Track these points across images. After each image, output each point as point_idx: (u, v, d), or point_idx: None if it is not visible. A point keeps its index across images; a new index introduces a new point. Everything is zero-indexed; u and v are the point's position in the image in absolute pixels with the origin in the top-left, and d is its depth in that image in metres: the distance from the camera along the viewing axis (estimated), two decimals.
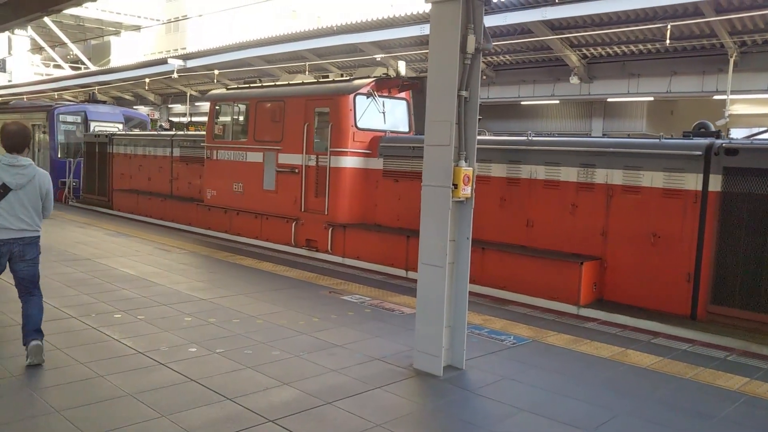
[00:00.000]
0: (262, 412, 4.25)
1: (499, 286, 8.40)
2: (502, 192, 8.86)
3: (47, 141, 19.93)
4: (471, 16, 5.10)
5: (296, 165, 11.02)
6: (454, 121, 5.08)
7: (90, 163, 18.17)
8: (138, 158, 16.31)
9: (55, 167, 19.35)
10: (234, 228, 12.41)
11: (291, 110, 11.13)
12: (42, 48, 48.61)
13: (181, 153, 14.70)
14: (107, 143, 17.37)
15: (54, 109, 20.08)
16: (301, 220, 11.04)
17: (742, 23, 15.55)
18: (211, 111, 13.09)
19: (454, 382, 5.01)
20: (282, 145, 11.27)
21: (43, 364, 4.92)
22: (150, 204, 15.35)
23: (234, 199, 12.40)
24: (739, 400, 4.87)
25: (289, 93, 11.37)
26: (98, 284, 7.79)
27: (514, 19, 17.86)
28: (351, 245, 10.29)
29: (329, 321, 6.56)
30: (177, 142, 14.88)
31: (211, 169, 13.00)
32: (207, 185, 13.12)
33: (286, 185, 11.23)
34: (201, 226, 13.22)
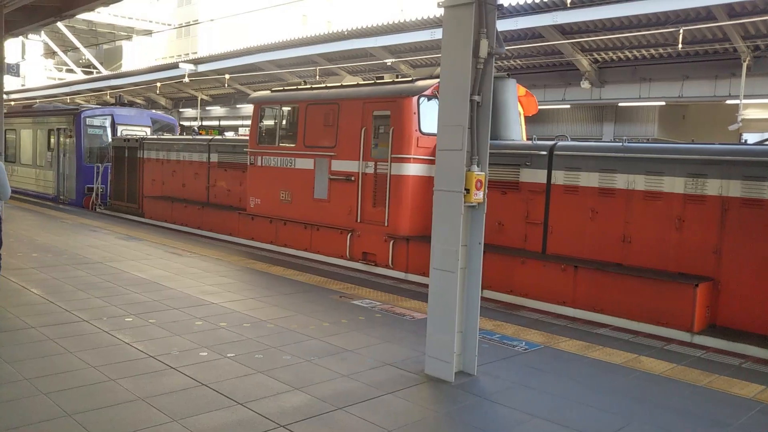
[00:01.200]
0: (272, 417, 4.23)
1: (594, 308, 7.66)
2: (593, 203, 7.99)
3: (73, 145, 19.36)
4: (484, 20, 5.08)
5: (352, 172, 10.26)
6: (466, 126, 5.06)
7: (118, 168, 17.45)
8: (171, 164, 15.49)
9: (82, 172, 18.94)
10: (281, 239, 11.70)
11: (346, 114, 10.42)
12: (55, 53, 49.02)
13: (219, 158, 13.92)
14: (138, 147, 16.62)
15: (80, 111, 19.46)
16: (357, 232, 10.28)
17: (755, 27, 15.44)
18: (255, 114, 12.28)
19: (466, 388, 4.98)
20: (336, 151, 10.53)
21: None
22: (186, 212, 14.56)
23: (281, 208, 11.66)
24: (755, 408, 4.81)
25: (344, 95, 10.62)
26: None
27: (525, 24, 17.82)
28: (415, 260, 9.47)
29: (340, 326, 6.55)
30: (215, 147, 14.11)
31: (254, 176, 12.20)
32: (250, 193, 12.32)
33: (340, 194, 10.47)
34: (243, 236, 12.49)
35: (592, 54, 18.93)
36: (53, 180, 20.50)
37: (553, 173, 8.32)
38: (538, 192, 8.50)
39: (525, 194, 8.62)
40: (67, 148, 19.58)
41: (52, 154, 20.53)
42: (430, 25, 19.96)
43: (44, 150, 21.17)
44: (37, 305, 6.81)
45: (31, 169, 22.26)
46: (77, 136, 19.09)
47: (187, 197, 14.83)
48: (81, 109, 19.69)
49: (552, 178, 8.35)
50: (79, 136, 19.06)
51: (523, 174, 8.63)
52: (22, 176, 22.75)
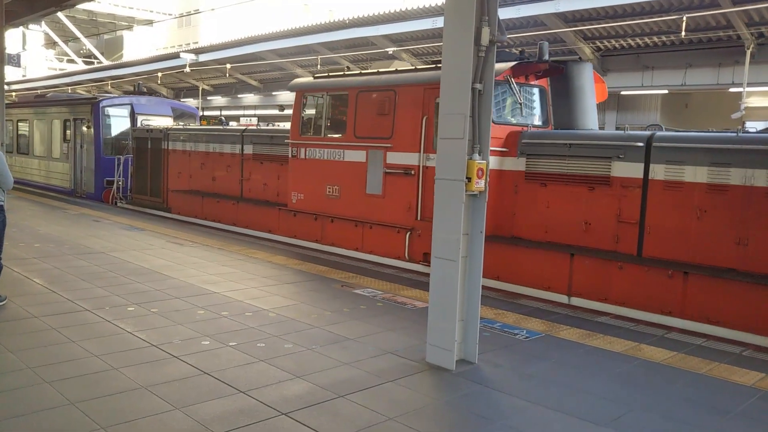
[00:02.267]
0: (275, 405, 4.25)
1: (709, 320, 6.95)
2: (701, 201, 7.15)
3: (91, 136, 18.37)
4: (485, 7, 5.05)
5: (411, 165, 9.42)
6: (468, 114, 5.05)
7: (140, 160, 16.46)
8: (200, 155, 14.45)
9: (101, 165, 18.09)
10: (327, 237, 10.84)
11: (404, 101, 9.56)
12: (55, 43, 48.93)
13: (254, 150, 12.89)
14: (162, 138, 15.62)
15: (99, 101, 18.51)
16: (417, 231, 9.37)
17: (759, 14, 15.34)
18: (297, 103, 11.34)
19: (467, 376, 5.00)
20: (392, 142, 9.68)
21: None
22: (218, 208, 13.65)
23: (327, 204, 10.77)
24: (755, 395, 4.82)
25: (401, 81, 9.71)
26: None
27: (527, 12, 17.73)
28: (487, 263, 9.05)
29: (342, 314, 6.57)
30: (250, 138, 13.07)
31: (297, 170, 11.30)
32: (292, 188, 11.44)
33: (398, 189, 9.63)
34: (284, 234, 11.64)
35: (594, 42, 18.84)
36: (70, 173, 19.70)
37: (652, 167, 7.50)
38: (633, 188, 7.67)
39: (617, 190, 7.79)
40: (85, 139, 18.73)
41: (69, 146, 19.67)
42: (431, 13, 19.86)
43: (60, 141, 20.29)
44: (42, 294, 6.84)
45: (46, 161, 21.37)
46: (95, 127, 18.23)
47: (217, 191, 13.94)
48: (99, 99, 18.84)
49: (650, 172, 7.52)
50: (98, 127, 18.18)
51: (615, 168, 7.79)
52: (36, 169, 21.93)
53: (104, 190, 17.94)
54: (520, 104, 9.20)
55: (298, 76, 27.96)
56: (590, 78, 9.41)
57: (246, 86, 32.11)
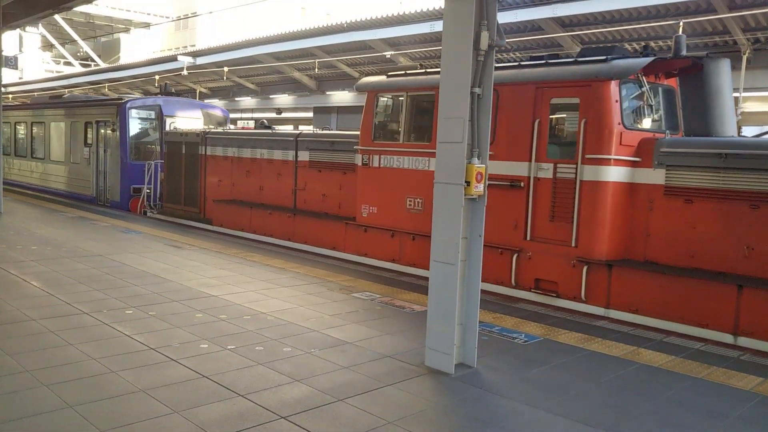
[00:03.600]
0: (274, 408, 4.25)
1: None
2: None
3: (116, 140, 17.01)
4: (484, 12, 5.07)
5: (518, 177, 8.29)
6: (467, 118, 5.06)
7: (173, 166, 15.12)
8: (244, 162, 13.17)
9: (127, 171, 16.71)
10: (406, 257, 9.61)
11: (509, 102, 8.44)
12: (52, 45, 48.86)
13: (311, 157, 11.63)
14: (199, 143, 14.30)
15: (125, 102, 17.12)
16: (527, 252, 8.26)
17: (755, 20, 15.40)
18: (369, 104, 10.12)
19: (466, 380, 5.00)
20: (494, 149, 8.10)
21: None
22: (270, 221, 12.29)
23: (407, 218, 9.53)
24: (753, 399, 4.83)
25: (505, 79, 8.48)
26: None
27: (524, 16, 17.77)
28: (622, 292, 7.51)
29: (340, 318, 6.56)
30: (305, 143, 11.82)
31: (368, 179, 10.07)
32: (362, 200, 10.20)
33: (501, 203, 8.40)
34: (352, 251, 10.45)
35: (591, 47, 18.89)
36: (91, 179, 18.28)
37: None
38: None
39: None
40: (109, 143, 17.40)
41: (90, 150, 18.32)
42: (429, 17, 19.89)
43: (80, 145, 18.85)
44: (40, 297, 6.82)
45: (64, 166, 19.92)
46: (121, 130, 16.83)
47: (265, 202, 12.70)
48: (125, 99, 17.49)
49: None
50: (124, 130, 16.81)
51: None
52: (53, 174, 20.52)
53: (131, 199, 16.67)
54: (651, 106, 8.19)
55: (296, 79, 27.99)
56: (728, 76, 8.32)
57: (243, 89, 32.11)
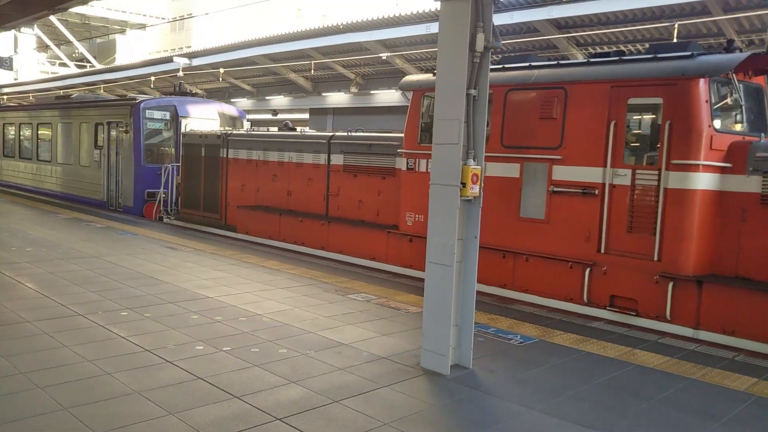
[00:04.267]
0: (269, 410, 4.24)
1: None
2: None
3: (129, 142, 16.20)
4: (480, 14, 5.09)
5: (591, 183, 7.60)
6: (462, 120, 5.07)
7: (191, 170, 14.39)
8: (271, 166, 12.43)
9: (141, 175, 15.95)
10: None
11: (580, 102, 7.78)
12: (48, 46, 48.74)
13: (345, 161, 10.89)
14: (220, 145, 13.57)
15: (139, 102, 16.29)
16: (601, 266, 7.56)
17: (750, 22, 15.47)
18: (414, 105, 9.46)
19: (462, 381, 5.00)
20: (562, 153, 7.84)
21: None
22: (301, 228, 11.46)
23: None
24: (747, 400, 4.85)
25: (575, 77, 7.87)
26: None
27: (520, 18, 17.80)
28: (715, 312, 6.85)
29: (336, 319, 6.56)
30: (339, 146, 11.09)
31: (414, 185, 9.30)
32: (406, 207, 9.49)
33: (569, 212, 7.80)
34: (395, 262, 9.71)
35: (587, 48, 18.94)
36: (102, 183, 17.48)
37: None
38: None
39: None
40: (123, 145, 16.55)
41: (101, 153, 17.47)
42: (425, 19, 19.91)
43: (90, 148, 18.04)
44: (35, 299, 6.80)
45: (72, 169, 19.07)
46: (135, 132, 16.02)
47: (294, 208, 11.96)
48: (139, 100, 16.69)
49: None
50: (138, 132, 16.01)
51: None
52: (61, 178, 19.74)
53: (146, 204, 15.93)
54: (742, 107, 7.58)
55: (291, 81, 27.97)
56: None
57: (239, 90, 32.08)
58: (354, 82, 25.86)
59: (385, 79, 25.26)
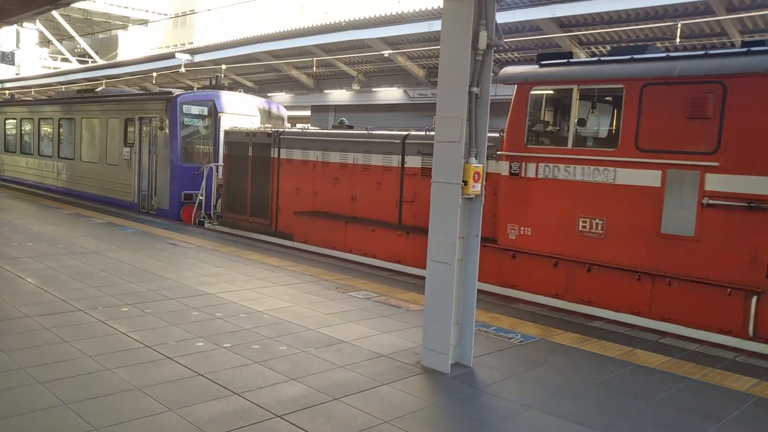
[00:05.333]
0: (269, 407, 4.24)
1: None
2: None
3: (165, 139, 14.94)
4: (483, 11, 5.07)
5: (761, 196, 6.51)
6: (465, 118, 5.06)
7: (236, 170, 13.33)
8: (332, 168, 11.32)
9: (178, 175, 14.70)
10: (577, 291, 7.82)
11: (743, 99, 6.67)
12: (50, 41, 48.73)
13: (425, 163, 9.79)
14: (270, 144, 12.51)
15: (176, 96, 15.05)
16: None
17: (753, 22, 15.44)
18: (520, 100, 8.36)
19: (462, 379, 5.00)
20: (718, 159, 6.75)
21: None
22: (372, 239, 10.27)
23: (580, 244, 7.78)
24: (748, 401, 4.84)
25: (736, 68, 6.74)
26: None
27: (522, 17, 17.77)
28: None
29: (336, 317, 6.55)
30: (416, 146, 9.97)
31: (519, 193, 8.33)
32: (508, 218, 8.45)
33: (728, 229, 6.74)
34: (493, 280, 8.58)
35: (590, 47, 18.91)
36: (132, 183, 16.22)
37: None
38: None
39: None
40: (158, 142, 15.25)
41: (131, 151, 16.22)
42: (428, 16, 19.89)
43: (119, 145, 16.77)
44: (36, 294, 6.80)
45: (99, 168, 17.75)
46: (171, 128, 14.78)
47: (358, 215, 10.87)
48: (176, 94, 15.39)
49: None
50: (175, 128, 14.76)
51: None
52: (84, 177, 18.46)
53: (183, 207, 14.67)
54: None
55: (294, 78, 27.94)
56: None
57: (241, 87, 32.08)
58: (356, 80, 25.82)
59: (388, 77, 25.25)
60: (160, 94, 16.33)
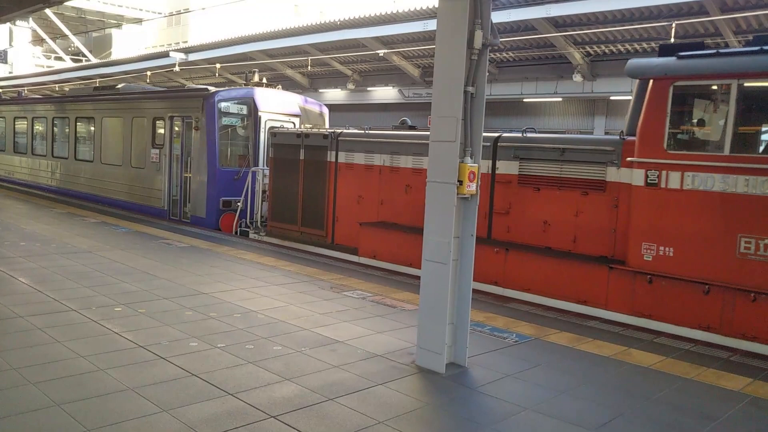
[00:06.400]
0: (263, 407, 4.22)
1: None
2: None
3: (201, 140, 13.58)
4: (478, 11, 5.06)
5: None
6: (460, 117, 5.05)
7: (284, 175, 11.93)
8: (403, 174, 9.97)
9: (216, 180, 13.34)
10: (736, 324, 6.65)
11: None
12: (43, 40, 48.52)
13: (522, 169, 8.51)
14: (326, 147, 11.26)
15: (213, 94, 13.68)
16: None
17: (746, 22, 15.49)
18: (658, 97, 7.21)
19: (457, 379, 4.98)
20: None
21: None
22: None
23: (739, 268, 6.59)
24: (743, 400, 4.84)
25: None
26: None
27: (517, 16, 17.79)
28: None
29: (331, 317, 6.53)
30: (511, 150, 8.63)
31: (659, 206, 7.16)
32: (643, 235, 7.25)
33: None
34: (625, 309, 7.41)
35: (584, 47, 18.94)
36: (163, 188, 14.76)
37: None
38: None
39: None
40: (193, 143, 13.87)
41: (161, 153, 14.82)
42: (422, 15, 19.88)
43: (145, 146, 15.39)
44: (29, 294, 6.75)
45: (122, 171, 16.35)
46: (208, 128, 13.45)
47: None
48: (213, 91, 13.94)
49: None
50: (212, 129, 13.43)
51: None
52: (106, 181, 17.06)
53: (222, 215, 13.31)
54: None
55: (288, 77, 27.90)
56: None
57: (235, 86, 32.05)
58: (351, 79, 25.79)
59: (382, 76, 25.24)
60: (195, 91, 14.93)
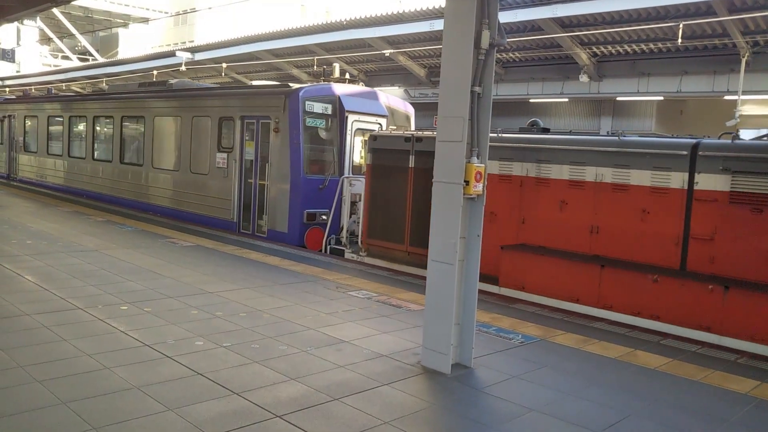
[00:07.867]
0: (269, 407, 4.21)
1: None
2: None
3: (281, 144, 11.88)
4: (486, 11, 5.05)
5: None
6: (467, 117, 5.03)
7: (387, 185, 10.27)
8: (556, 186, 8.34)
9: (301, 189, 11.62)
10: None
11: None
12: (50, 39, 48.70)
13: (735, 185, 6.90)
14: None
15: (297, 91, 11.91)
16: None
17: (755, 23, 15.41)
18: None
19: (462, 380, 4.97)
20: None
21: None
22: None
23: None
24: (750, 403, 4.82)
25: None
26: None
27: (524, 17, 17.75)
28: None
29: (336, 316, 6.53)
30: (718, 160, 7.05)
31: None
32: None
33: None
34: None
35: (591, 48, 18.88)
36: (232, 198, 12.95)
37: None
38: None
39: None
40: (272, 148, 12.09)
41: (229, 157, 13.02)
42: (428, 15, 19.86)
43: (210, 150, 13.56)
44: (36, 292, 6.77)
45: (179, 177, 14.53)
46: (292, 130, 11.74)
47: (602, 253, 7.87)
48: (296, 87, 12.25)
49: None
50: (296, 130, 11.70)
51: None
52: (160, 188, 15.19)
53: (306, 230, 11.63)
54: None
55: (294, 77, 27.92)
56: None
57: (241, 85, 32.09)
58: (357, 79, 25.76)
59: (388, 76, 25.21)
60: (274, 87, 13.42)
